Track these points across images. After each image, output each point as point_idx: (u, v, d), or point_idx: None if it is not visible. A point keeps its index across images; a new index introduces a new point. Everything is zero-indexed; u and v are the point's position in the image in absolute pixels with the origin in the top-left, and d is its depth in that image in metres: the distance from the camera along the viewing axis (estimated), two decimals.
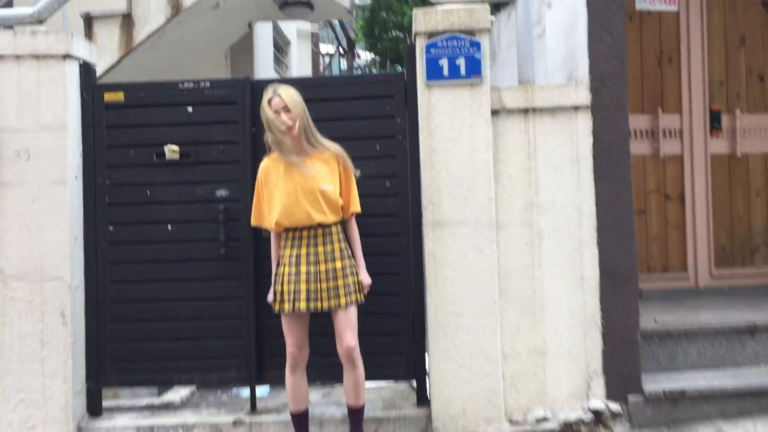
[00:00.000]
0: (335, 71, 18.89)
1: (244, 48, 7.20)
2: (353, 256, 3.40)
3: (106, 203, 3.87)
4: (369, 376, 3.70)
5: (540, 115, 3.69)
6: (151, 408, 4.34)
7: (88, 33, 4.96)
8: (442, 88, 3.62)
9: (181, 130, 3.86)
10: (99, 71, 4.87)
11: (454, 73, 3.60)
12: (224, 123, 3.85)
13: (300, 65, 11.79)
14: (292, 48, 10.54)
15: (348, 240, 3.41)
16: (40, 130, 3.70)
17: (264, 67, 7.86)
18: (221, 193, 3.84)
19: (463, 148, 3.62)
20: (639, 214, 4.75)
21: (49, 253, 3.70)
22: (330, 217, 3.29)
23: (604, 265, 3.67)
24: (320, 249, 3.28)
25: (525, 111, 3.68)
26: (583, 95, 3.68)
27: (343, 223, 3.40)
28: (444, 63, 3.58)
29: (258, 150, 3.72)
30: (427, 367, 3.74)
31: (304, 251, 3.28)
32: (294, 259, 3.28)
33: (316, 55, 16.00)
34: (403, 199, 3.76)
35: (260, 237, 3.74)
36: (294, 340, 3.31)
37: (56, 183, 3.70)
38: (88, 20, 4.95)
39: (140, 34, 4.96)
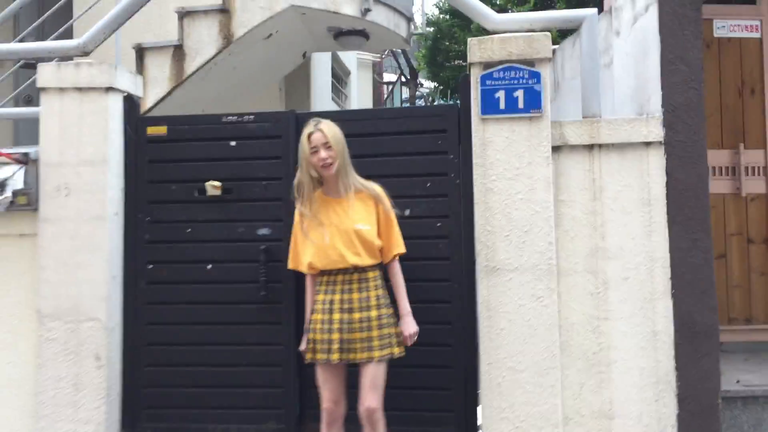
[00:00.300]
0: (396, 101, 18.81)
1: (300, 78, 7.10)
2: (397, 302, 3.16)
3: (146, 240, 3.73)
4: None
5: (607, 152, 3.37)
6: None
7: (140, 64, 4.91)
8: (499, 122, 3.36)
9: (224, 165, 3.71)
10: (149, 103, 4.83)
11: (512, 106, 3.33)
12: (268, 158, 3.68)
13: (360, 95, 11.71)
14: (352, 77, 10.46)
15: (392, 285, 3.18)
16: (81, 164, 3.61)
17: (321, 97, 7.75)
18: (263, 231, 3.65)
19: (520, 187, 3.33)
20: (719, 259, 4.34)
21: (86, 293, 3.57)
22: (366, 260, 3.09)
23: (679, 319, 3.30)
24: (355, 296, 3.08)
25: (590, 147, 3.38)
26: (655, 130, 3.35)
27: (385, 268, 3.16)
28: (500, 95, 3.32)
29: None
30: (479, 426, 3.42)
31: (337, 297, 3.09)
32: (327, 306, 3.10)
33: (378, 84, 15.94)
34: (456, 242, 3.49)
35: (302, 280, 3.51)
36: (329, 395, 3.07)
37: (95, 219, 3.59)
38: (140, 51, 4.90)
39: (191, 65, 4.88)
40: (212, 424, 3.65)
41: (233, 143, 3.70)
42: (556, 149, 3.37)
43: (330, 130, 3.08)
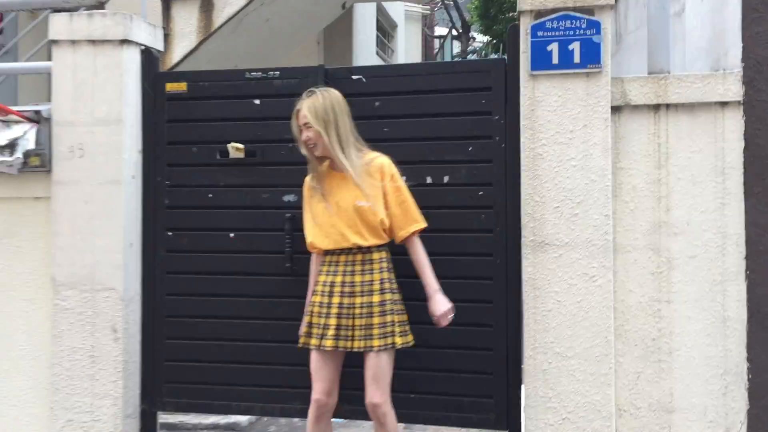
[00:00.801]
0: (447, 56, 18.22)
1: (341, 32, 6.75)
2: (422, 281, 2.90)
3: (165, 206, 3.50)
4: (453, 422, 3.19)
5: (675, 114, 2.97)
6: (216, 428, 3.99)
7: (166, 16, 4.64)
8: (551, 78, 2.98)
9: (248, 126, 3.43)
10: (176, 58, 4.59)
11: (566, 60, 2.95)
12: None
13: (408, 50, 11.28)
14: (399, 31, 10.02)
15: (414, 264, 2.92)
16: (95, 123, 3.38)
17: (365, 52, 7.38)
18: (289, 198, 3.38)
19: (574, 153, 2.97)
20: None
21: (101, 261, 3.37)
22: (369, 239, 2.84)
23: (754, 304, 2.92)
24: (357, 279, 2.84)
25: (656, 108, 2.98)
26: (733, 88, 2.93)
27: (404, 247, 2.91)
28: (553, 48, 2.94)
29: None
30: (522, 415, 3.13)
31: (339, 279, 2.86)
32: (327, 288, 2.88)
33: (428, 38, 15.38)
34: (500, 213, 3.16)
35: None
36: (321, 385, 2.87)
37: (110, 183, 3.37)
38: (166, 2, 4.63)
39: (220, 16, 4.59)
40: (235, 402, 3.45)
41: (257, 102, 3.41)
42: (616, 110, 2.99)
43: (312, 106, 2.84)
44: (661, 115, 2.98)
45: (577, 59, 2.94)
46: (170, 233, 3.50)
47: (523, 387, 3.10)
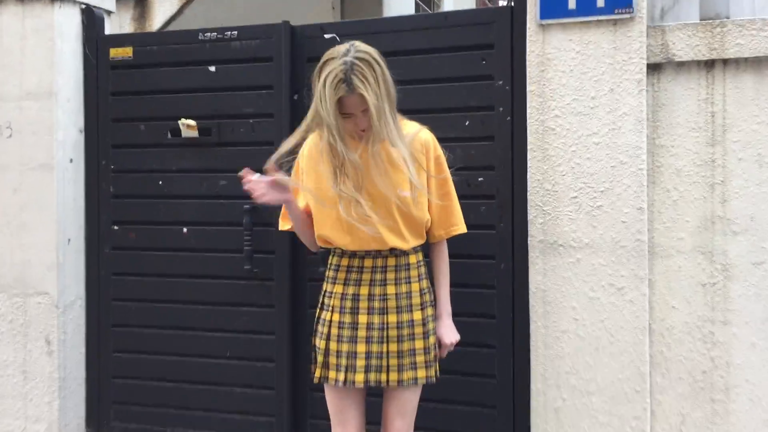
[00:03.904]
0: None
1: None
2: (436, 296, 2.24)
3: (111, 195, 3.01)
4: None
5: (735, 73, 2.28)
6: None
7: None
8: (565, 29, 2.33)
9: (202, 98, 2.91)
10: (157, 24, 4.08)
11: (586, 4, 2.29)
12: (255, 88, 2.83)
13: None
14: None
15: (432, 271, 2.24)
16: (24, 97, 2.92)
17: (400, 5, 6.66)
18: None
19: (597, 126, 2.31)
20: None
21: (33, 260, 2.93)
22: (409, 241, 2.12)
23: None
24: (390, 290, 2.12)
25: (709, 65, 2.29)
26: None
27: (428, 247, 2.24)
28: None
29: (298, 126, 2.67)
30: None
31: (365, 291, 2.12)
32: (348, 303, 2.13)
33: None
34: (504, 204, 2.54)
35: (300, 250, 2.69)
36: (345, 430, 2.17)
37: (42, 168, 2.91)
38: None
39: None
40: (190, 428, 2.95)
41: (213, 68, 2.87)
42: (654, 68, 2.32)
43: (373, 90, 1.95)
44: (716, 75, 2.29)
45: (600, 2, 2.28)
46: (116, 227, 3.02)
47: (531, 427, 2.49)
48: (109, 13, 3.19)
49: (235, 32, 2.85)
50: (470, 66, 2.57)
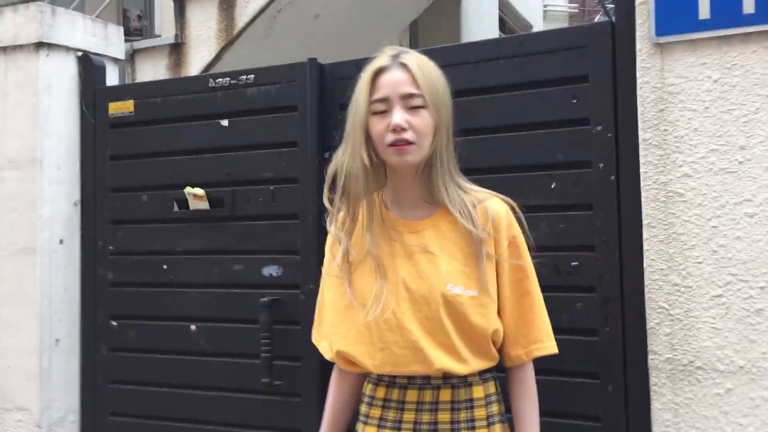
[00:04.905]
0: None
1: (442, 32, 5.54)
2: None
3: (109, 283, 2.46)
4: None
5: None
6: None
7: (180, 21, 3.68)
8: (696, 49, 1.61)
9: (212, 160, 2.33)
10: (195, 71, 3.61)
11: (727, 11, 1.56)
12: (276, 146, 2.24)
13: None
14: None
15: (512, 410, 1.50)
16: (4, 166, 2.42)
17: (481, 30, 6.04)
18: (270, 271, 2.22)
19: (751, 190, 1.57)
20: None
21: (13, 367, 2.39)
22: (471, 362, 1.43)
23: None
24: (444, 416, 1.43)
25: None
26: None
27: (507, 371, 1.52)
28: None
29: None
30: None
31: (410, 417, 1.45)
32: (389, 425, 1.46)
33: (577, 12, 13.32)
34: (610, 300, 1.80)
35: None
36: None
37: (22, 252, 2.39)
38: (180, 3, 3.67)
39: (243, 15, 3.56)
40: None
41: (225, 122, 2.30)
42: None
43: (423, 66, 1.41)
44: None
45: (749, 6, 1.55)
46: (115, 323, 2.45)
47: None
48: (116, 61, 2.69)
49: (252, 76, 2.27)
50: (557, 106, 1.87)
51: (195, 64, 3.69)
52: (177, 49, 3.70)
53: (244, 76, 2.28)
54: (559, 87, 1.87)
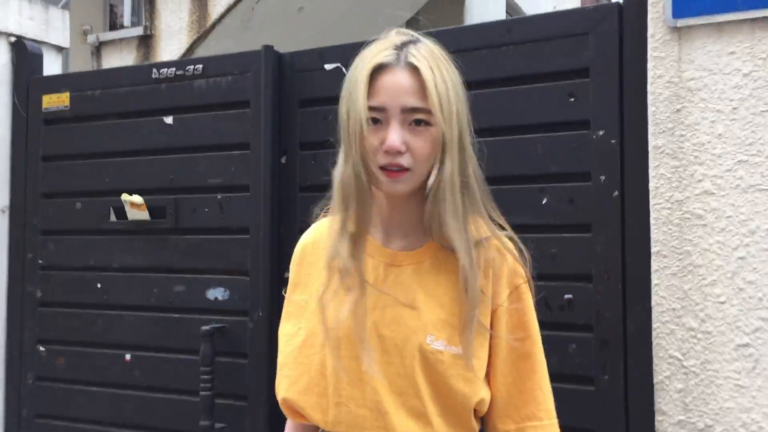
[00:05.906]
0: None
1: (440, 24, 5.25)
2: None
3: (38, 302, 2.17)
4: None
5: None
6: None
7: (150, 11, 3.42)
8: (722, 35, 1.31)
9: (154, 163, 2.04)
10: None
11: None
12: (225, 148, 1.95)
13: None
14: None
15: None
16: None
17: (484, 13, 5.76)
18: (215, 294, 1.92)
19: None
20: None
21: None
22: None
23: None
24: None
25: None
26: None
27: None
28: None
29: (288, 205, 1.79)
30: None
31: None
32: None
33: None
34: (611, 342, 1.49)
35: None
36: None
37: None
38: None
39: (216, 6, 3.28)
40: None
41: (169, 119, 2.01)
42: None
43: (437, 68, 1.06)
44: None
45: None
46: (43, 348, 2.16)
47: None
48: (60, 49, 2.41)
49: (200, 66, 1.98)
50: (550, 106, 1.57)
51: (165, 58, 3.42)
52: (146, 42, 3.44)
53: (192, 66, 1.99)
54: (554, 83, 1.58)
